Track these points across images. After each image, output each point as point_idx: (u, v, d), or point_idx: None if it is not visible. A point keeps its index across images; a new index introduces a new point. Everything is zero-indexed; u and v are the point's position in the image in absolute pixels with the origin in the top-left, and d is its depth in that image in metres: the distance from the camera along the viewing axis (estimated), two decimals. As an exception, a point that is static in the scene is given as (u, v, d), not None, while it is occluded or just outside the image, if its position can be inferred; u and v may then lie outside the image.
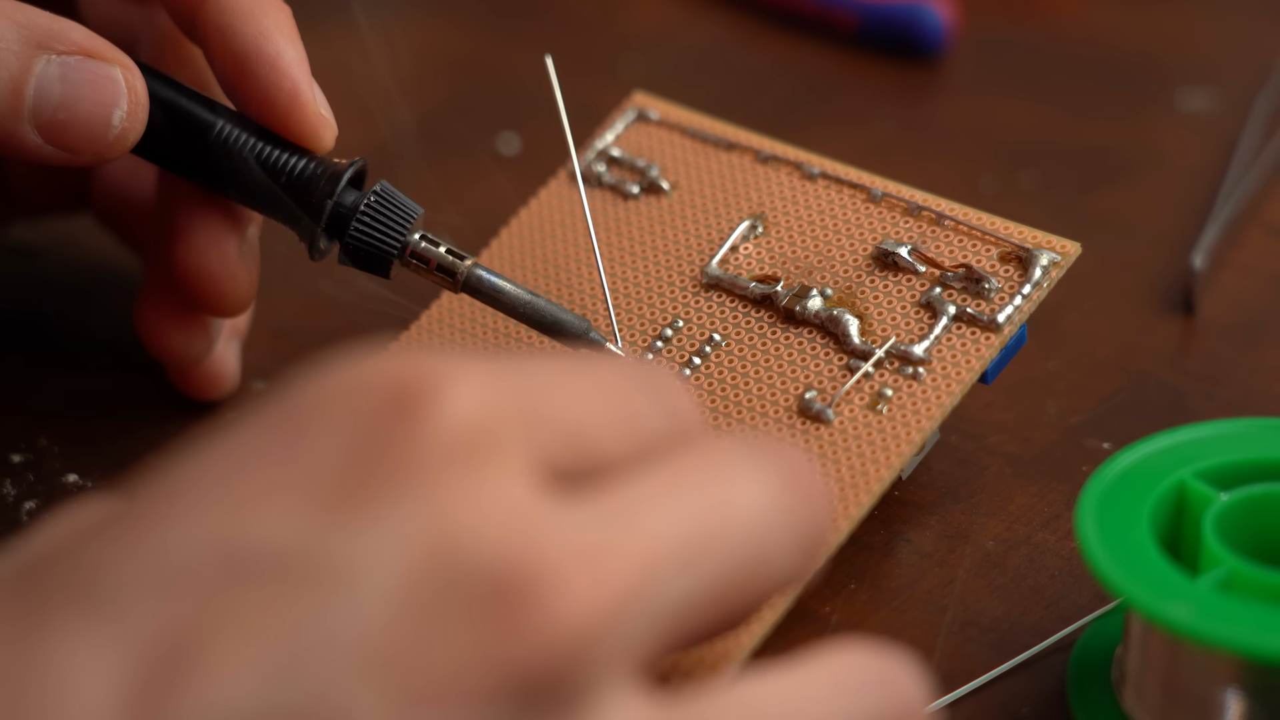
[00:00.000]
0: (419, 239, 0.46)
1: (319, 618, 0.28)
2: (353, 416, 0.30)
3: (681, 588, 0.30)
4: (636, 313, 0.48)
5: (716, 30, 0.73)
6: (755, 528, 0.31)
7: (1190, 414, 0.50)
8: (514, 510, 0.29)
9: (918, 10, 0.68)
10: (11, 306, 0.56)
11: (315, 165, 0.47)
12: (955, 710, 0.41)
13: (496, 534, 0.29)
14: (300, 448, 0.30)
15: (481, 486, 0.29)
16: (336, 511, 0.29)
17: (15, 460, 0.50)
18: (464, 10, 0.75)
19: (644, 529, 0.30)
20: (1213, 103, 0.65)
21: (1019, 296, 0.45)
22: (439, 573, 0.29)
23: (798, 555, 0.32)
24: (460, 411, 0.30)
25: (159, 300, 0.49)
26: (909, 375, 0.44)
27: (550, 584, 0.29)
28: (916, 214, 0.47)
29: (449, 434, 0.29)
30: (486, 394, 0.30)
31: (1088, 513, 0.39)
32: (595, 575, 0.29)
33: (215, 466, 0.30)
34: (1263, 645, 0.36)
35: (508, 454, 0.30)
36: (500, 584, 0.28)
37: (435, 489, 0.29)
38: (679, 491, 0.31)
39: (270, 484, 0.29)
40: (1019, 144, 0.64)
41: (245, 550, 0.29)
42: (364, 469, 0.29)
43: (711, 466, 0.32)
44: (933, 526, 0.46)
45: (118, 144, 0.45)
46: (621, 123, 0.52)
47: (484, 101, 0.68)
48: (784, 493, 0.32)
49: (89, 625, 0.28)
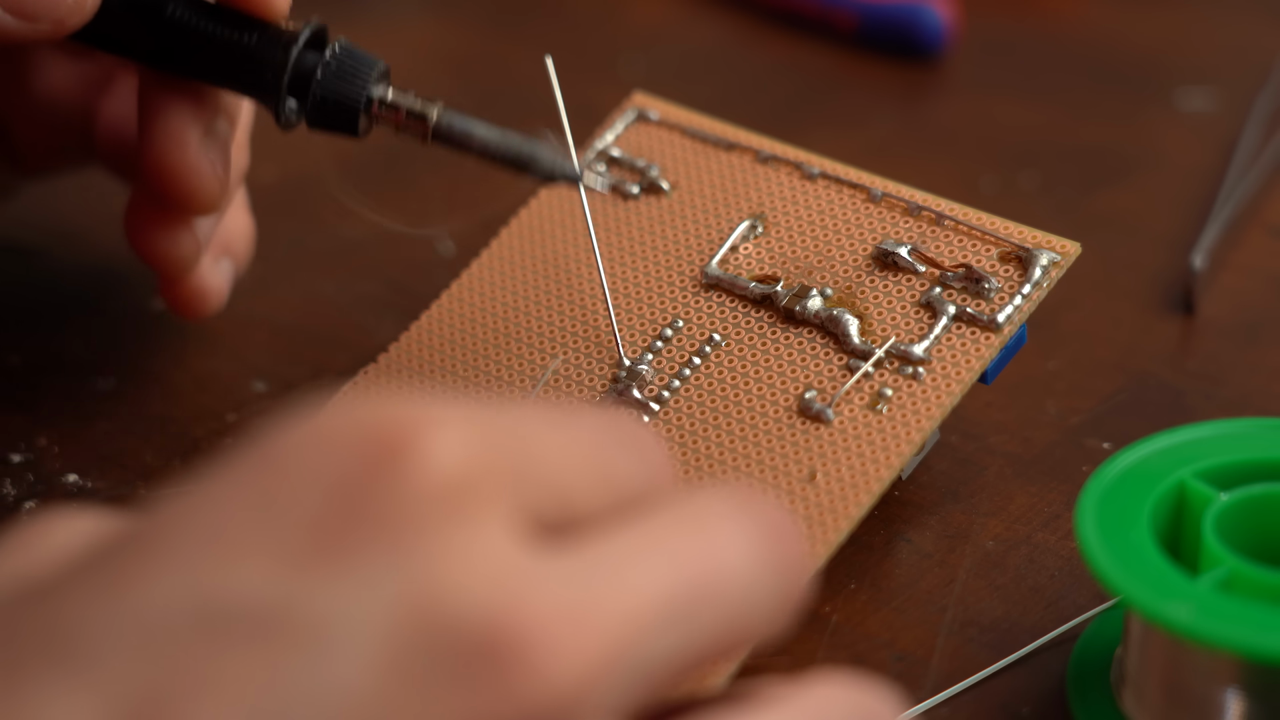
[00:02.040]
0: (386, 89, 0.46)
1: (300, 678, 0.28)
2: (332, 466, 0.29)
3: (666, 645, 0.30)
4: (636, 313, 0.48)
5: (716, 30, 0.73)
6: (738, 583, 0.31)
7: (1190, 414, 0.50)
8: (498, 565, 0.29)
9: (918, 10, 0.68)
10: (11, 306, 0.56)
11: (273, 31, 0.47)
12: (955, 710, 0.41)
13: (481, 590, 0.28)
14: (279, 498, 0.29)
15: (464, 539, 0.29)
16: (315, 565, 0.28)
17: (15, 460, 0.50)
18: (464, 10, 0.75)
19: (628, 586, 0.30)
20: (1213, 103, 0.65)
21: (1019, 296, 0.45)
22: (422, 630, 0.28)
23: (776, 608, 0.32)
24: (442, 461, 0.29)
25: (143, 205, 0.49)
26: (909, 375, 0.44)
27: (537, 643, 0.28)
28: (916, 214, 0.47)
29: (431, 484, 0.29)
30: (468, 443, 0.29)
31: (1088, 513, 0.39)
32: (582, 633, 0.29)
33: (190, 516, 0.29)
34: (1263, 645, 0.36)
35: (491, 505, 0.29)
36: (486, 643, 0.28)
37: (417, 542, 0.28)
38: (662, 546, 0.31)
39: (248, 537, 0.29)
40: (1019, 144, 0.64)
41: (224, 607, 0.28)
42: (344, 521, 0.29)
43: (692, 521, 0.31)
44: (933, 526, 0.46)
45: (76, 10, 0.45)
46: (621, 123, 0.52)
47: (484, 101, 0.68)
48: (764, 546, 0.32)
49: (64, 680, 0.28)
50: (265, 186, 0.61)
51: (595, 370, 0.47)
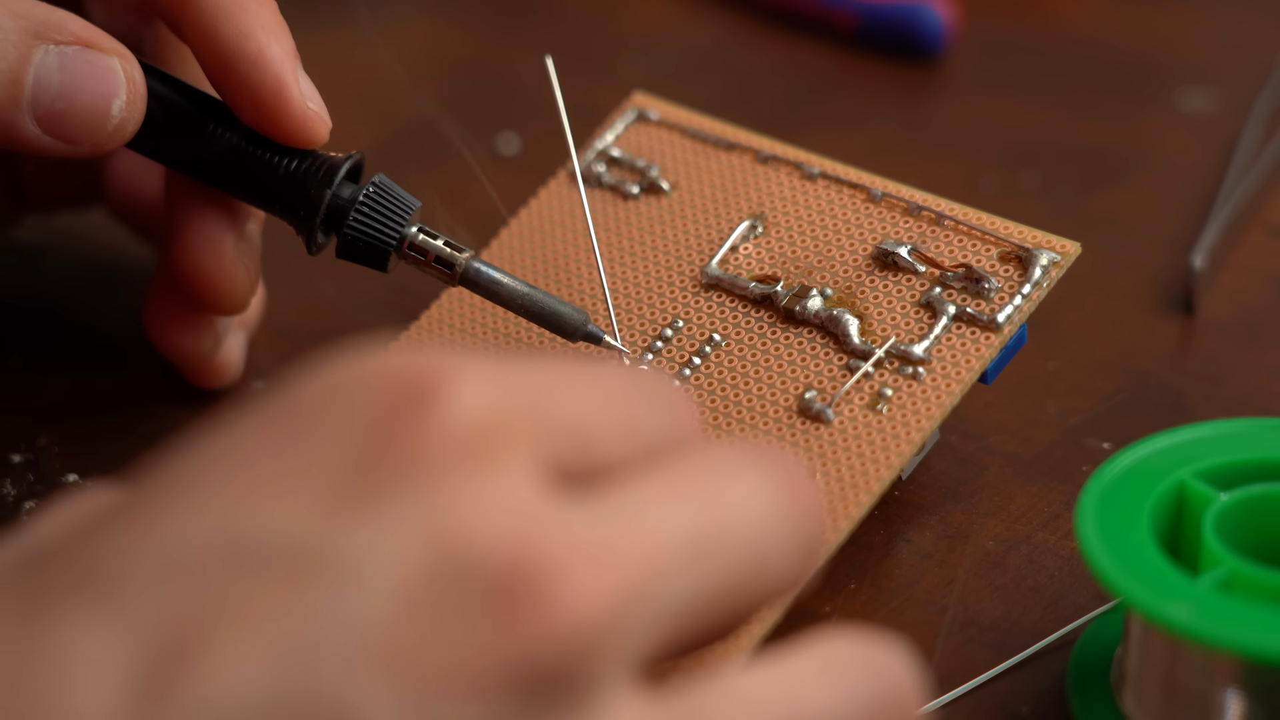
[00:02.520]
0: (416, 232, 0.46)
1: (325, 611, 0.28)
2: (360, 411, 0.30)
3: (684, 588, 0.30)
4: (636, 313, 0.48)
5: (716, 30, 0.73)
6: (755, 532, 0.31)
7: (1190, 414, 0.50)
8: (520, 507, 0.29)
9: (918, 10, 0.68)
10: (12, 306, 0.56)
11: (311, 159, 0.47)
12: (955, 710, 0.41)
13: (502, 530, 0.29)
14: (307, 441, 0.30)
15: (487, 483, 0.29)
16: (343, 505, 0.29)
17: (15, 460, 0.50)
18: (464, 10, 0.75)
19: (648, 528, 0.30)
20: (1213, 103, 0.65)
21: (1019, 296, 0.45)
22: (445, 567, 0.29)
23: (794, 561, 0.32)
24: (467, 408, 0.30)
25: (165, 299, 0.50)
26: (909, 375, 0.44)
27: (557, 578, 0.29)
28: (916, 214, 0.47)
29: (456, 430, 0.29)
30: (493, 392, 0.30)
31: (1088, 513, 0.39)
32: (602, 571, 0.29)
33: (220, 458, 0.30)
34: (1263, 645, 0.36)
35: (514, 451, 0.30)
36: (507, 577, 0.28)
37: (442, 485, 0.29)
38: (681, 494, 0.31)
39: (276, 477, 0.29)
40: (1019, 144, 0.64)
41: (251, 542, 0.29)
42: (371, 463, 0.29)
43: (712, 472, 0.32)
44: (933, 526, 0.46)
45: (116, 134, 0.45)
46: (621, 123, 0.52)
47: (484, 101, 0.68)
48: (782, 499, 0.32)
49: (93, 616, 0.28)
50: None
51: (595, 370, 0.47)
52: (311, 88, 0.47)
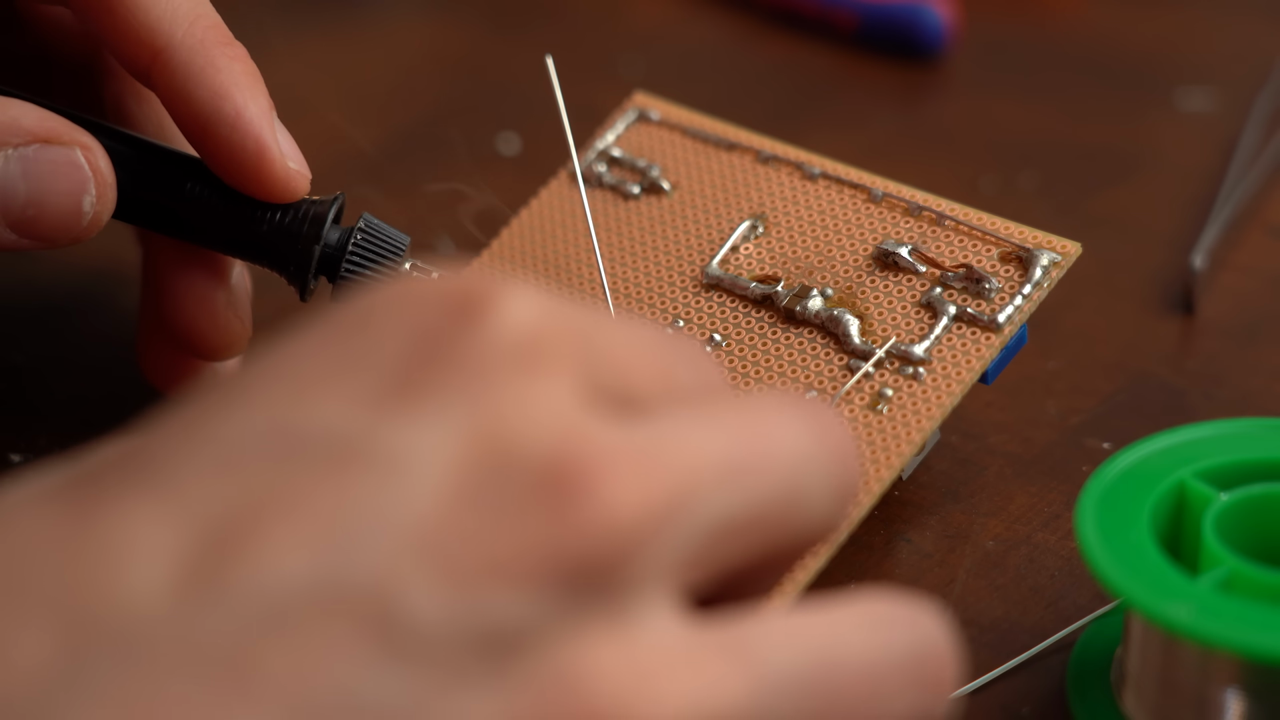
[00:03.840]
0: (410, 269, 0.46)
1: (372, 500, 0.29)
2: (413, 318, 0.30)
3: (722, 505, 0.31)
4: (637, 313, 0.48)
5: (716, 30, 0.73)
6: (791, 461, 0.32)
7: (1190, 414, 0.50)
8: (566, 412, 0.30)
9: (918, 10, 0.68)
10: (12, 306, 0.56)
11: (295, 209, 0.46)
12: (955, 710, 0.41)
13: (548, 430, 0.29)
14: (359, 345, 0.30)
15: (535, 389, 0.30)
16: (393, 402, 0.29)
17: (15, 460, 0.50)
18: (464, 10, 0.75)
19: (689, 443, 0.31)
20: (1213, 103, 0.65)
21: (1019, 296, 0.45)
22: (491, 462, 0.29)
23: (831, 498, 0.33)
24: (517, 322, 0.30)
25: (157, 345, 0.50)
26: (909, 375, 0.44)
27: (602, 477, 0.29)
28: (917, 214, 0.47)
29: (505, 339, 0.30)
30: (543, 313, 0.31)
31: (1088, 513, 0.39)
32: (645, 475, 0.29)
33: (275, 362, 0.30)
34: (1263, 645, 0.36)
35: (560, 365, 0.30)
36: (552, 474, 0.29)
37: (490, 386, 0.30)
38: (720, 420, 0.32)
39: (328, 376, 0.30)
40: (1019, 144, 0.64)
41: (302, 435, 0.29)
42: (421, 365, 0.30)
43: (748, 408, 0.32)
44: (933, 526, 0.46)
45: (92, 227, 0.45)
46: (622, 123, 0.52)
47: (484, 101, 0.68)
48: (819, 437, 0.32)
49: (146, 505, 0.29)
50: None
51: (595, 370, 0.47)
52: (290, 142, 0.46)
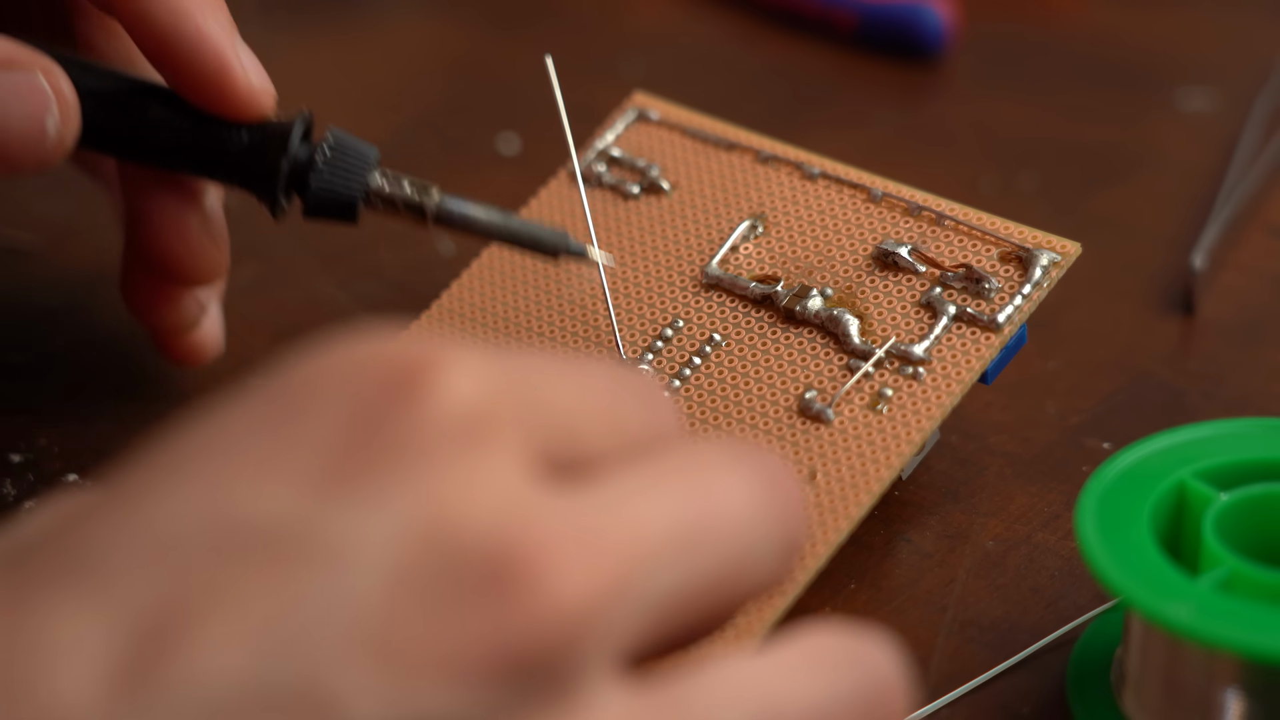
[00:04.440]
0: (380, 179, 0.46)
1: (311, 593, 0.28)
2: (350, 394, 0.29)
3: (669, 579, 0.30)
4: (636, 313, 0.48)
5: (716, 30, 0.73)
6: (740, 526, 0.31)
7: (1190, 414, 0.50)
8: (509, 492, 0.29)
9: (918, 10, 0.68)
10: (12, 306, 0.56)
11: (263, 128, 0.46)
12: (955, 710, 0.41)
13: (492, 515, 0.29)
14: (296, 423, 0.29)
15: (477, 468, 0.29)
16: (331, 487, 0.29)
17: (15, 460, 0.50)
18: (464, 10, 0.75)
19: (636, 518, 0.30)
20: (1213, 103, 0.65)
21: (1019, 296, 0.45)
22: (434, 551, 0.28)
23: (777, 557, 0.32)
24: (458, 395, 0.30)
25: (138, 273, 0.49)
26: (909, 375, 0.44)
27: (546, 565, 0.28)
28: (916, 214, 0.47)
29: (446, 416, 0.29)
30: (484, 379, 0.30)
31: (1088, 513, 0.39)
32: (590, 558, 0.29)
33: (208, 441, 0.30)
34: (1263, 645, 0.36)
35: (504, 439, 0.30)
36: (496, 563, 0.28)
37: (431, 468, 0.29)
38: (667, 486, 0.31)
39: (264, 458, 0.29)
40: (1019, 144, 0.64)
41: (237, 523, 0.28)
42: (360, 446, 0.29)
43: (697, 466, 0.32)
44: (933, 526, 0.46)
45: (57, 150, 0.44)
46: (622, 123, 0.52)
47: (484, 101, 0.68)
48: (766, 495, 0.32)
49: (78, 599, 0.28)
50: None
51: (595, 370, 0.47)
52: (253, 59, 0.46)
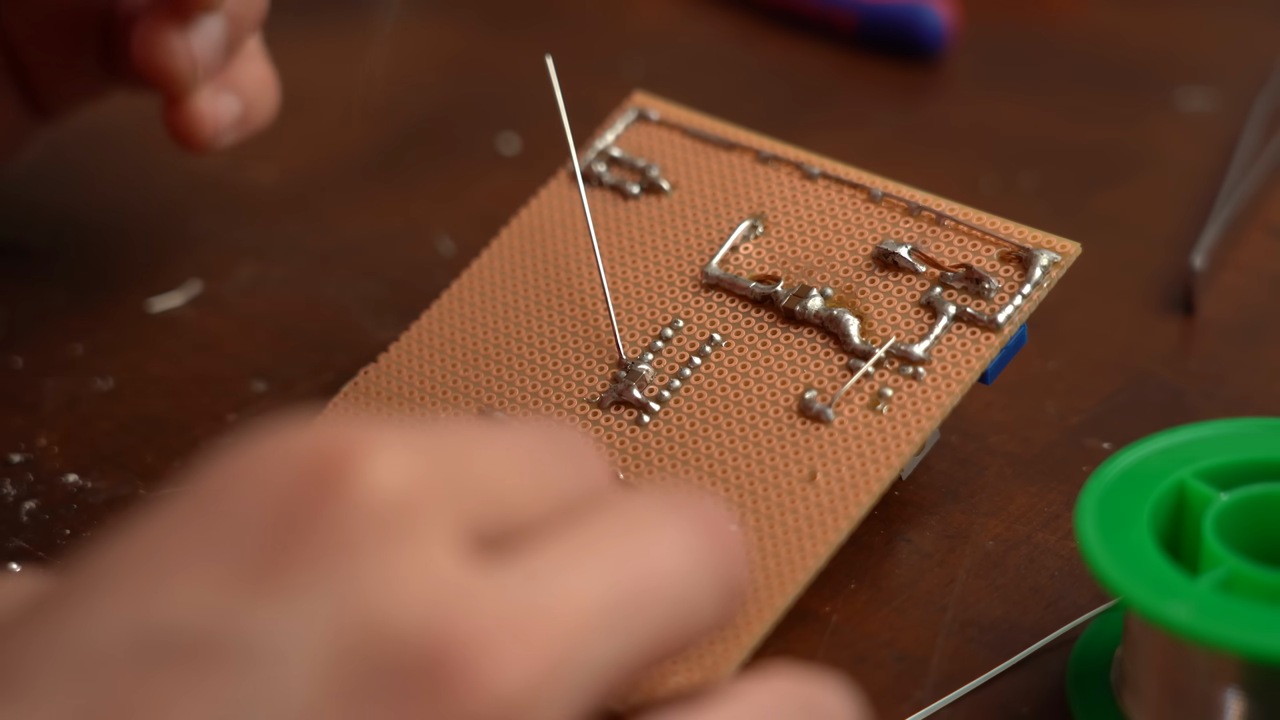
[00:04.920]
0: None
1: (241, 701, 0.27)
2: (270, 491, 0.29)
3: (608, 650, 0.30)
4: (636, 313, 0.48)
5: (716, 30, 0.73)
6: (676, 584, 0.31)
7: (1190, 414, 0.50)
8: (438, 582, 0.29)
9: (918, 10, 0.68)
10: (11, 306, 0.56)
11: None
12: (955, 710, 0.41)
13: (421, 606, 0.28)
14: (216, 525, 0.29)
15: (404, 558, 0.29)
16: (255, 588, 0.28)
17: (15, 460, 0.50)
18: (464, 10, 0.75)
19: (569, 593, 0.30)
20: (1213, 103, 0.65)
21: (1019, 296, 0.45)
22: (364, 648, 0.28)
23: (718, 606, 0.32)
24: (380, 482, 0.29)
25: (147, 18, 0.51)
26: (909, 375, 0.44)
27: (479, 655, 0.28)
28: (916, 214, 0.47)
29: (370, 505, 0.29)
30: (406, 464, 0.29)
31: (1088, 513, 0.39)
32: (525, 643, 0.29)
33: (131, 550, 0.29)
34: (1263, 645, 0.36)
35: (430, 524, 0.29)
36: (428, 657, 0.28)
37: (357, 561, 0.28)
38: (599, 552, 0.31)
39: (186, 564, 0.28)
40: (1019, 144, 0.64)
41: (163, 632, 0.28)
42: (283, 543, 0.28)
43: (627, 525, 0.31)
44: (933, 526, 0.46)
45: None
46: (621, 123, 0.52)
47: (484, 101, 0.68)
48: (703, 546, 0.32)
49: (8, 716, 0.28)
50: (265, 186, 0.61)
51: (595, 370, 0.47)
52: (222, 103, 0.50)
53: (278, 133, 0.60)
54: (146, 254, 0.59)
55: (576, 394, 0.46)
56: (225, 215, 0.60)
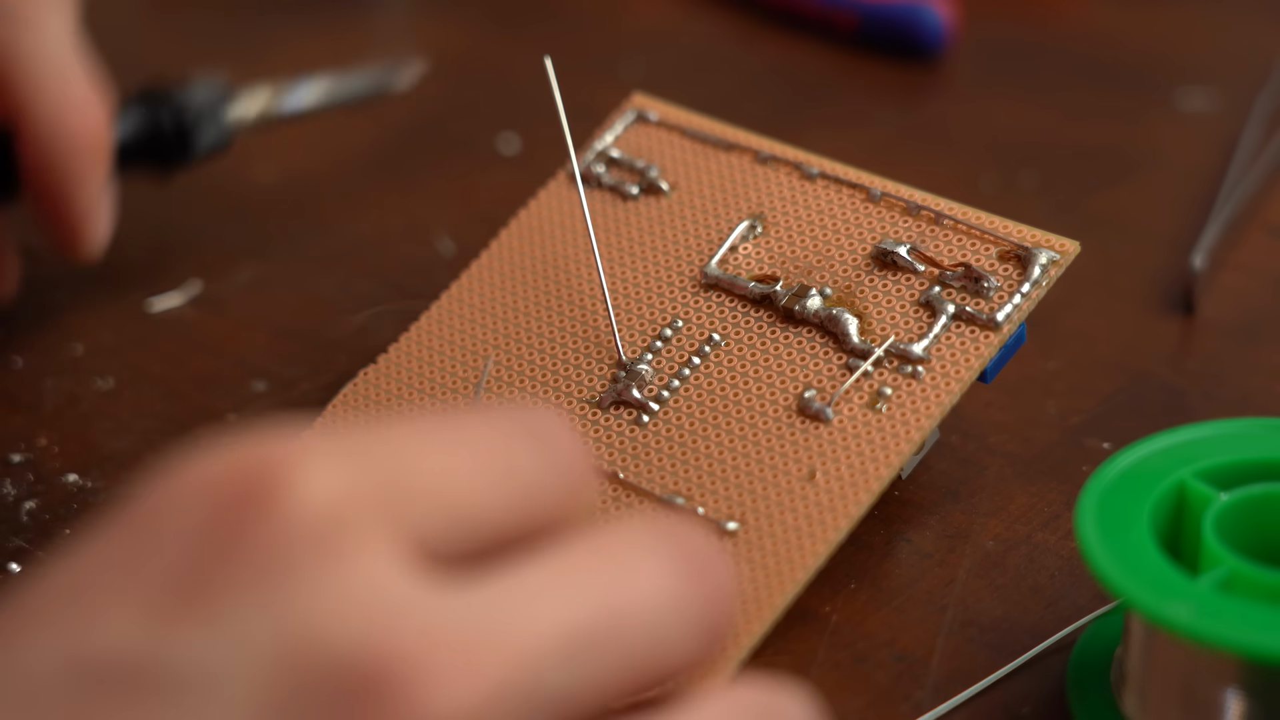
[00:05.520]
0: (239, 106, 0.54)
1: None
2: (197, 513, 0.28)
3: (565, 679, 0.29)
4: (636, 313, 0.48)
5: (716, 30, 0.73)
6: (650, 618, 0.30)
7: (1190, 414, 0.50)
8: (376, 598, 0.28)
9: (918, 10, 0.68)
10: (12, 306, 0.56)
11: None
12: (955, 710, 0.41)
13: (359, 625, 0.27)
14: (145, 551, 0.28)
15: (340, 575, 0.28)
16: (186, 614, 0.27)
17: (15, 460, 0.50)
18: (464, 10, 0.75)
19: (527, 619, 0.29)
20: (1213, 103, 0.65)
21: (1018, 295, 0.45)
22: (299, 670, 0.27)
23: (697, 642, 0.31)
24: (310, 496, 0.28)
25: None
26: (908, 374, 0.44)
27: (416, 678, 0.27)
28: (916, 213, 0.47)
29: (300, 521, 0.28)
30: (339, 474, 0.28)
31: (1088, 513, 0.39)
32: (468, 665, 0.28)
33: (61, 580, 0.29)
34: (1263, 645, 0.36)
35: (368, 537, 0.28)
36: (363, 677, 0.27)
37: (288, 580, 0.28)
38: (571, 579, 0.29)
39: (116, 592, 0.28)
40: (1019, 144, 0.64)
41: (96, 663, 0.27)
42: (212, 566, 0.28)
43: (606, 554, 0.30)
44: (933, 526, 0.46)
45: None
46: (621, 123, 0.52)
47: (484, 101, 0.68)
48: (684, 581, 0.31)
49: None
50: (265, 186, 0.61)
51: (595, 370, 0.47)
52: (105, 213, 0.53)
53: (278, 132, 0.60)
54: (146, 254, 0.59)
55: (576, 394, 0.46)
56: (225, 215, 0.60)
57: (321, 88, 0.55)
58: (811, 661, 0.42)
